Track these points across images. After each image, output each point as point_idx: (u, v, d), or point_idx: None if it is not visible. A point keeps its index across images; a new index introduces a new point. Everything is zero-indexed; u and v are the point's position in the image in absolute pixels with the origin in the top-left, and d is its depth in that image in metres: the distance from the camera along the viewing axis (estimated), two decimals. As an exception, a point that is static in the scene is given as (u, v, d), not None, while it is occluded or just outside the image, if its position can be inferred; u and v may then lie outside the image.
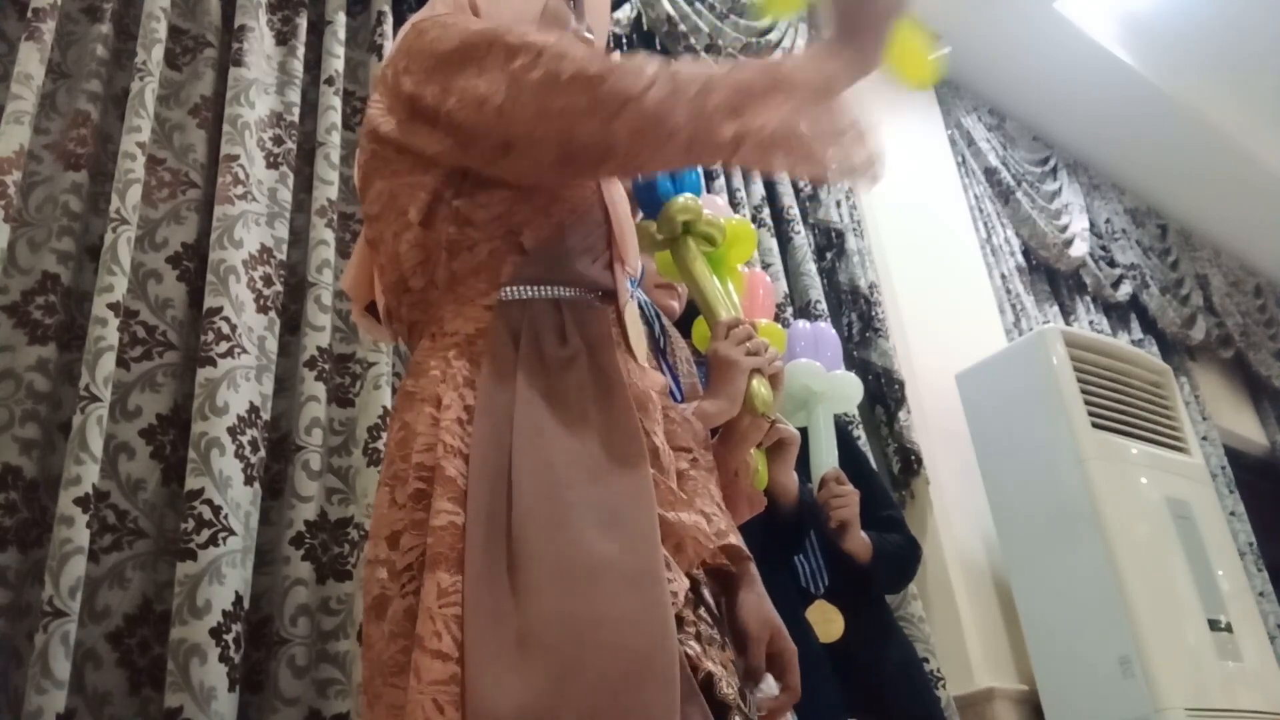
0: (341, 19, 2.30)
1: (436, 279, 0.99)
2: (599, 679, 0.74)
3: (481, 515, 0.82)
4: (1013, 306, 3.83)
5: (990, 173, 4.15)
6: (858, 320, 2.99)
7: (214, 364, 1.73)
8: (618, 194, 1.08)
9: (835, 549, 1.68)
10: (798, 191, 3.20)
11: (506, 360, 0.91)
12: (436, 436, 0.88)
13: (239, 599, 1.60)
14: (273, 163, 2.05)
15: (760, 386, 1.16)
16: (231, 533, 1.62)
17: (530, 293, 0.98)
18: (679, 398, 1.20)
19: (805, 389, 1.86)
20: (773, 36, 3.36)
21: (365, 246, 1.09)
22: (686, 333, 1.55)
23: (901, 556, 1.80)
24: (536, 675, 0.74)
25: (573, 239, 1.01)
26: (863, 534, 1.68)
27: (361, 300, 1.13)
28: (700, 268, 1.33)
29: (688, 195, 1.37)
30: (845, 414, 2.50)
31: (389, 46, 2.32)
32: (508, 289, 0.98)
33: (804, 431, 1.70)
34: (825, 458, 1.72)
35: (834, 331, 2.14)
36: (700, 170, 2.99)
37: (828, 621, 1.59)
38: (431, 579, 0.79)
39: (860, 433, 2.73)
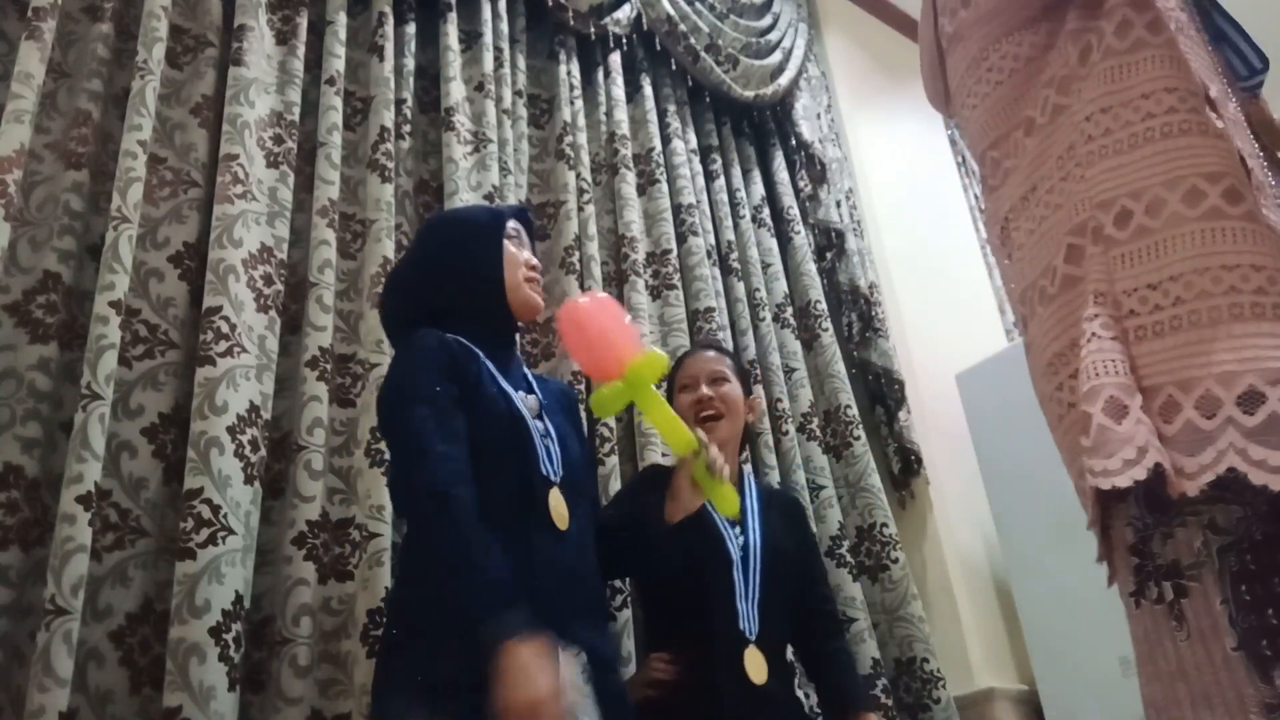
0: (342, 19, 2.30)
1: None
2: None
3: None
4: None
5: (990, 173, 4.15)
6: (858, 320, 2.99)
7: (213, 363, 1.73)
8: None
9: (766, 599, 1.78)
10: (798, 192, 3.20)
11: None
12: None
13: (239, 598, 1.60)
14: (273, 162, 2.05)
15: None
16: (231, 532, 1.61)
17: None
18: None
19: None
20: (773, 37, 3.36)
21: None
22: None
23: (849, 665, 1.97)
24: None
25: None
26: None
27: None
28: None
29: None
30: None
31: (389, 47, 2.33)
32: None
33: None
34: None
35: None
36: (702, 172, 2.99)
37: (758, 666, 1.70)
38: None
39: (860, 432, 2.74)
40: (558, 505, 1.44)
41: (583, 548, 1.49)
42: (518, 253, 1.58)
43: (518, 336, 1.72)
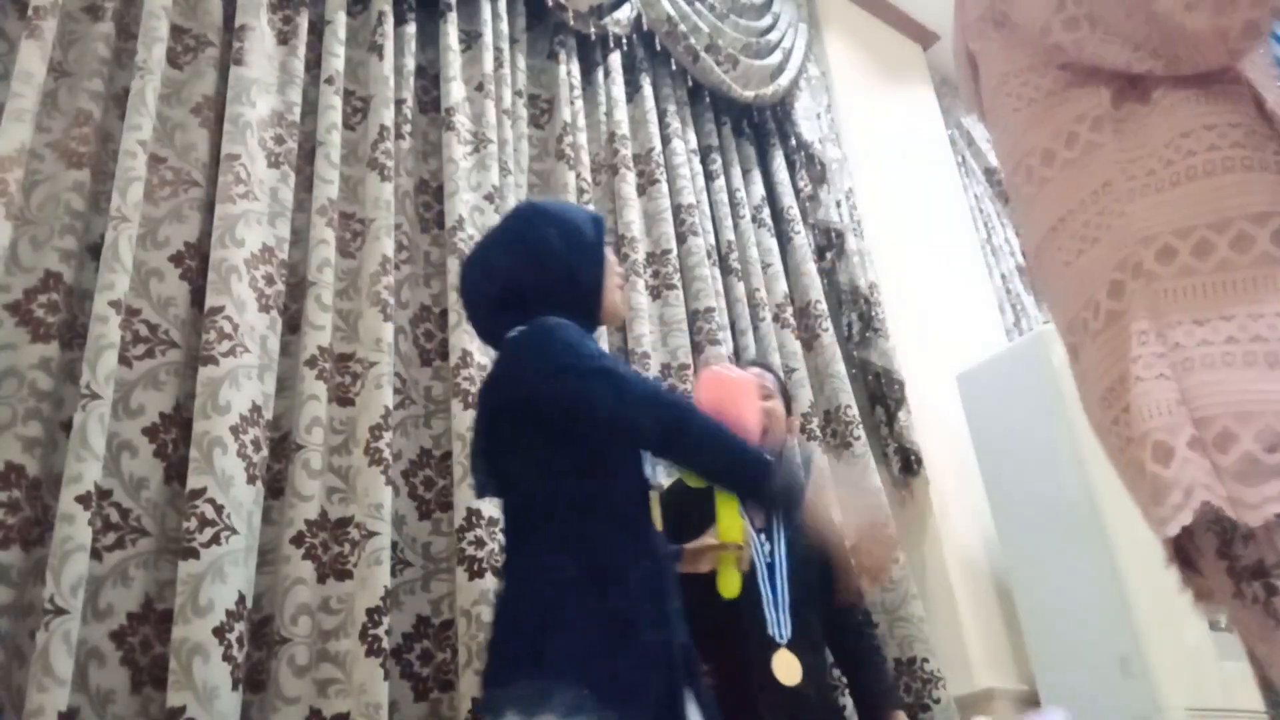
0: (342, 19, 2.30)
1: None
2: None
3: None
4: (1013, 306, 3.84)
5: (990, 173, 4.16)
6: (858, 320, 2.99)
7: (216, 363, 1.73)
8: None
9: (797, 603, 1.81)
10: (798, 192, 3.20)
11: None
12: None
13: (241, 598, 1.60)
14: (274, 162, 2.05)
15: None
16: (234, 532, 1.62)
17: None
18: None
19: None
20: (773, 37, 3.36)
21: None
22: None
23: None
24: None
25: None
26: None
27: None
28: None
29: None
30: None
31: (389, 46, 2.33)
32: None
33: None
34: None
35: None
36: (702, 172, 2.98)
37: (789, 669, 1.75)
38: None
39: (860, 432, 2.74)
40: (655, 507, 1.44)
41: None
42: (614, 260, 1.57)
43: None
